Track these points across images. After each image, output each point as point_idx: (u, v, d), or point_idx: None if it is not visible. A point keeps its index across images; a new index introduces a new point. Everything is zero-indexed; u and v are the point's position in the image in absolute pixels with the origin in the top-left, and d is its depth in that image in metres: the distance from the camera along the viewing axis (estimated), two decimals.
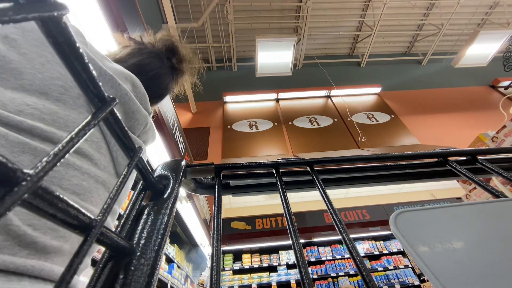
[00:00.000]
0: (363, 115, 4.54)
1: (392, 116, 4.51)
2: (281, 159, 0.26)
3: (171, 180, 0.21)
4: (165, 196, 0.20)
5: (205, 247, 4.33)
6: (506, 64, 4.72)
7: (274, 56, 4.05)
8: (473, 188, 2.05)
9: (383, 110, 4.65)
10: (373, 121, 4.43)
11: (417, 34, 5.86)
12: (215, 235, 0.17)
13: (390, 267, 3.99)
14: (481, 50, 4.32)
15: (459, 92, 5.13)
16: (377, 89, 5.06)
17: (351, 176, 0.30)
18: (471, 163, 0.28)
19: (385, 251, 4.18)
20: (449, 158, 0.27)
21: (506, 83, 5.12)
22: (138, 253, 0.15)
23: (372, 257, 4.21)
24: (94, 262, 2.02)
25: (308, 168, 0.25)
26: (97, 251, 2.07)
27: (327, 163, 0.26)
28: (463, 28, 5.73)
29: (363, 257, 4.16)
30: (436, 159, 0.28)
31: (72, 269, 0.11)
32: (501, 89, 5.18)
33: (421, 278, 3.78)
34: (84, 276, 1.80)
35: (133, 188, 0.23)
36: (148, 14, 4.14)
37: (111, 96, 0.16)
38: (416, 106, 4.75)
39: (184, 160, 0.24)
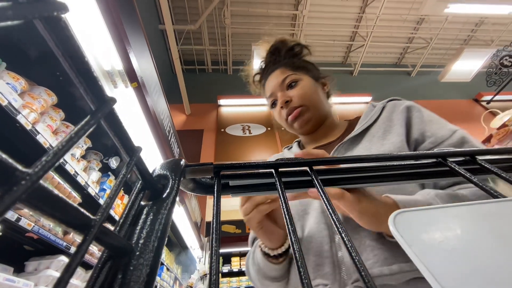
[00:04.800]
0: None
1: None
2: (280, 159, 0.26)
3: (170, 179, 0.21)
4: (164, 196, 0.20)
5: (195, 249, 4.33)
6: (489, 80, 5.04)
7: None
8: None
9: None
10: None
11: (408, 47, 6.15)
12: (214, 235, 0.17)
13: None
14: (465, 67, 4.67)
15: (445, 105, 5.40)
16: (368, 98, 5.26)
17: (350, 176, 0.30)
18: (470, 163, 0.28)
19: None
20: (448, 159, 0.28)
21: (489, 97, 5.44)
22: (137, 253, 0.15)
23: None
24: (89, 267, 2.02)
25: (307, 169, 0.25)
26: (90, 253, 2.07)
27: (326, 163, 0.26)
28: (450, 43, 6.08)
29: None
30: (435, 160, 0.28)
31: (70, 268, 0.11)
32: (484, 103, 5.49)
33: None
34: (77, 280, 1.80)
35: (132, 188, 0.23)
36: (145, 15, 4.13)
37: (110, 96, 0.16)
38: None
39: (183, 160, 0.24)
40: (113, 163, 2.27)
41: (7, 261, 1.43)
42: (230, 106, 5.10)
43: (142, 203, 0.19)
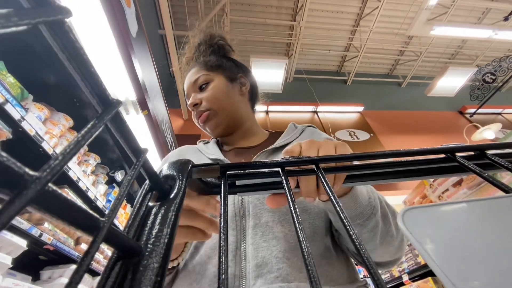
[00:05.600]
0: (345, 132, 4.81)
1: (372, 134, 4.78)
2: (286, 157, 0.26)
3: (177, 180, 0.21)
4: (171, 196, 0.20)
5: None
6: (472, 94, 5.44)
7: (266, 74, 4.29)
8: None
9: (364, 128, 4.91)
10: (354, 139, 4.68)
11: (399, 59, 6.41)
12: (222, 235, 0.17)
13: None
14: (450, 83, 5.11)
15: (432, 116, 5.62)
16: (360, 108, 5.37)
17: (357, 173, 0.29)
18: (479, 158, 0.28)
19: None
20: (457, 154, 0.27)
21: (472, 110, 5.75)
22: (147, 254, 0.15)
23: None
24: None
25: (313, 167, 0.25)
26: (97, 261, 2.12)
27: (332, 161, 0.26)
28: (438, 57, 6.46)
29: None
30: (443, 155, 0.28)
31: (81, 269, 0.11)
32: (467, 115, 5.80)
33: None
34: (85, 286, 1.86)
35: (134, 198, 0.24)
36: (145, 17, 4.17)
37: (115, 99, 0.16)
38: (394, 126, 5.11)
39: (190, 160, 0.24)
40: (119, 176, 2.45)
41: (25, 270, 1.56)
42: None
43: (150, 204, 0.19)
